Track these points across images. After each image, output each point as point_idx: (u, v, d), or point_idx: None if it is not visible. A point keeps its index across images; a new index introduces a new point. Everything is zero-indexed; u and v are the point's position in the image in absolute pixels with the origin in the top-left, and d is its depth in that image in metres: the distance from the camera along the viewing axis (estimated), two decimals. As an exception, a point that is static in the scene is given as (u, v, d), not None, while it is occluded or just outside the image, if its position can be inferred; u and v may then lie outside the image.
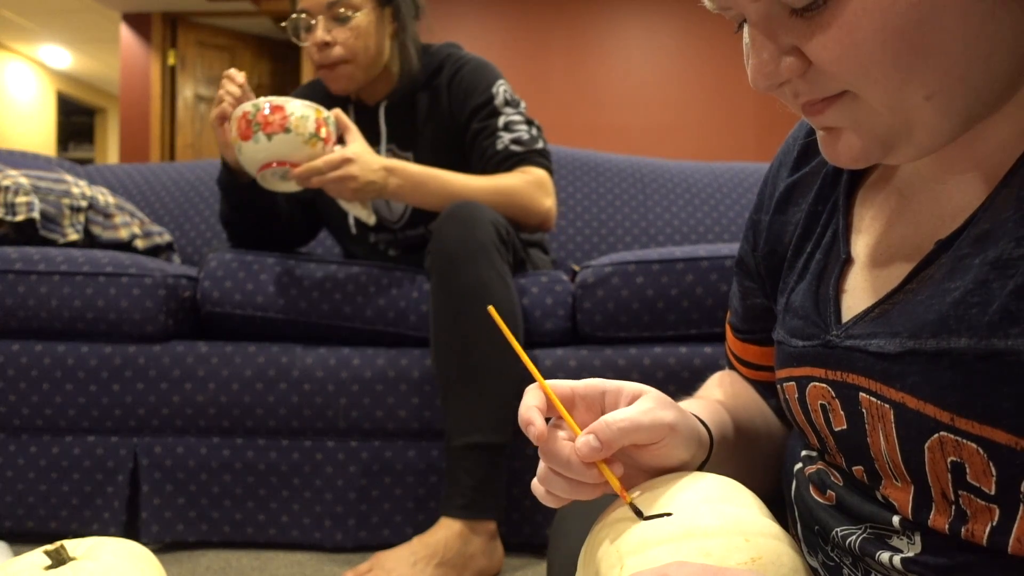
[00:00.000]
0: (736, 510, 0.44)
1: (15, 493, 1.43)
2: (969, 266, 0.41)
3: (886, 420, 0.44)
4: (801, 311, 0.53)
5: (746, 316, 0.66)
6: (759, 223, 0.62)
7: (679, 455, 0.49)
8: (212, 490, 1.43)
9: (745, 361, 0.68)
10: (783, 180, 0.60)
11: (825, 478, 0.52)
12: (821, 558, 0.52)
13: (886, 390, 0.44)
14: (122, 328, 1.43)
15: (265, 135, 1.28)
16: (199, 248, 2.05)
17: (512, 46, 5.11)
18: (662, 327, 1.42)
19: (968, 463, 0.40)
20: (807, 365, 0.51)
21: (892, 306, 0.46)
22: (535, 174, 1.49)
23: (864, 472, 0.48)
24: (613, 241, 2.00)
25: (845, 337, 0.48)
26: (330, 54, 1.48)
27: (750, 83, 0.44)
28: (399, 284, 1.45)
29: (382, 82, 1.59)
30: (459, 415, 1.27)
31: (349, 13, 1.47)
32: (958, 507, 0.42)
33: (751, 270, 0.64)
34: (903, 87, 0.40)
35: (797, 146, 0.60)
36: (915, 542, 0.44)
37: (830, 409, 0.49)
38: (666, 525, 0.43)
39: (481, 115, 1.53)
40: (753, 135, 4.96)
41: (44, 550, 0.56)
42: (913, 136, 0.42)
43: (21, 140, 7.14)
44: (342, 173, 1.31)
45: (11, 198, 1.60)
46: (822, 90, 0.43)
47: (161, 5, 5.65)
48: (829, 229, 0.54)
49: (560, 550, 0.62)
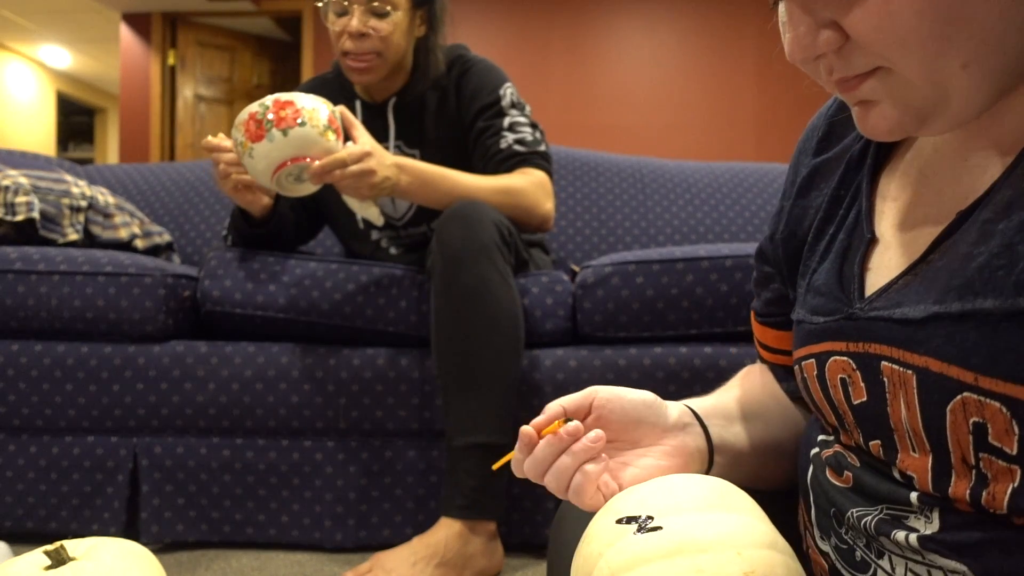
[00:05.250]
0: (728, 519, 0.43)
1: (15, 493, 1.43)
2: (993, 232, 0.42)
3: (908, 387, 0.45)
4: (824, 288, 0.53)
5: (765, 301, 0.68)
6: (782, 210, 0.63)
7: (637, 416, 0.55)
8: (212, 490, 1.43)
9: (764, 344, 0.69)
10: (805, 165, 0.61)
11: (842, 460, 0.52)
12: (834, 542, 0.52)
13: (909, 356, 0.45)
14: (122, 328, 1.43)
15: (280, 131, 1.23)
16: (199, 248, 2.05)
17: (512, 46, 5.11)
18: (662, 327, 1.42)
19: (990, 423, 0.41)
20: (828, 340, 0.52)
21: (915, 276, 0.47)
22: (537, 175, 1.49)
23: (881, 446, 0.48)
24: (613, 241, 2.00)
25: (869, 309, 0.48)
26: (364, 44, 1.48)
27: (787, 57, 0.45)
28: (399, 284, 1.45)
29: (394, 79, 1.60)
30: (459, 415, 1.27)
31: (388, 8, 1.48)
32: (979, 471, 0.42)
33: (769, 256, 0.65)
34: (939, 57, 0.40)
35: (818, 132, 0.61)
36: (932, 520, 0.45)
37: (850, 382, 0.50)
38: (657, 540, 0.42)
39: (487, 115, 1.54)
40: (753, 135, 4.96)
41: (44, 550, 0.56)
42: (948, 106, 0.43)
43: (21, 140, 7.14)
44: (364, 166, 1.27)
45: (11, 198, 1.60)
46: (857, 66, 0.43)
47: (161, 5, 5.65)
48: (852, 210, 0.55)
49: (560, 550, 0.62)
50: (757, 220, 2.02)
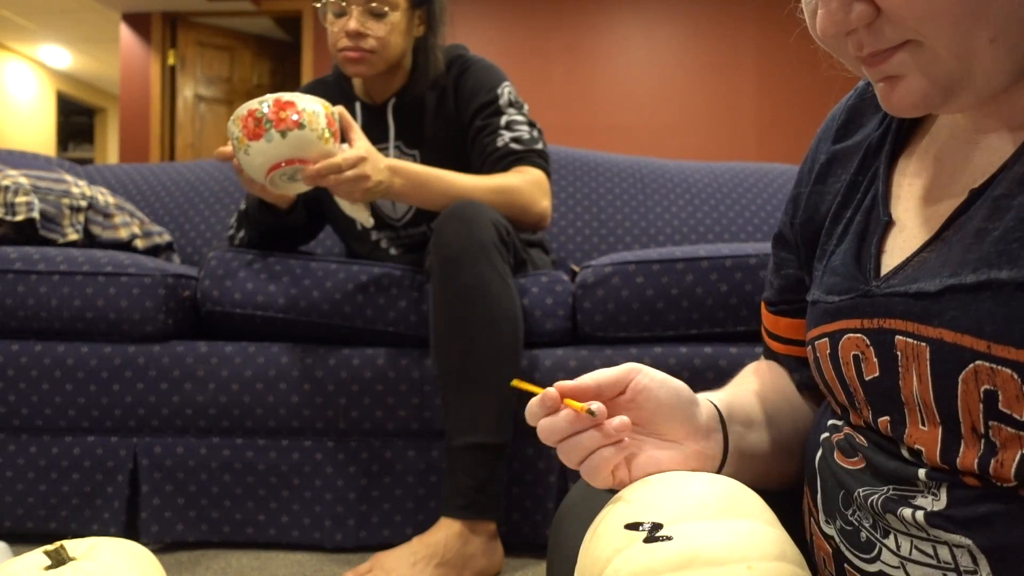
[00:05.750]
0: (738, 527, 0.43)
1: (15, 493, 1.43)
2: (1008, 207, 0.43)
3: (921, 359, 0.46)
4: (840, 268, 0.55)
5: (780, 288, 0.68)
6: (799, 196, 0.64)
7: (670, 412, 0.53)
8: (212, 490, 1.43)
9: (775, 335, 0.70)
10: (823, 152, 0.62)
11: (853, 442, 0.53)
12: (840, 524, 0.53)
13: (923, 328, 0.46)
14: (122, 328, 1.43)
15: (279, 132, 1.23)
16: (199, 248, 2.05)
17: (512, 46, 5.11)
18: (662, 327, 1.42)
19: (1001, 390, 0.42)
20: (843, 318, 0.53)
21: (931, 253, 0.48)
22: (534, 174, 1.49)
23: (889, 422, 0.49)
24: (613, 241, 2.00)
25: (885, 287, 0.50)
26: (360, 44, 1.49)
27: (818, 33, 0.46)
28: (399, 284, 1.45)
29: (392, 79, 1.60)
30: (459, 415, 1.27)
31: (386, 9, 1.49)
32: (987, 440, 0.43)
33: (788, 241, 0.66)
34: (969, 30, 0.41)
35: (838, 120, 0.62)
36: (940, 498, 0.46)
37: (863, 359, 0.51)
38: (666, 551, 0.42)
39: (484, 113, 1.54)
40: (753, 135, 4.96)
41: (44, 550, 0.56)
42: (973, 81, 0.44)
43: (21, 140, 7.15)
44: (358, 172, 1.28)
45: (11, 198, 1.60)
46: (887, 40, 0.44)
47: (161, 5, 5.65)
48: (869, 194, 0.56)
49: (560, 550, 0.61)
50: (757, 220, 2.02)
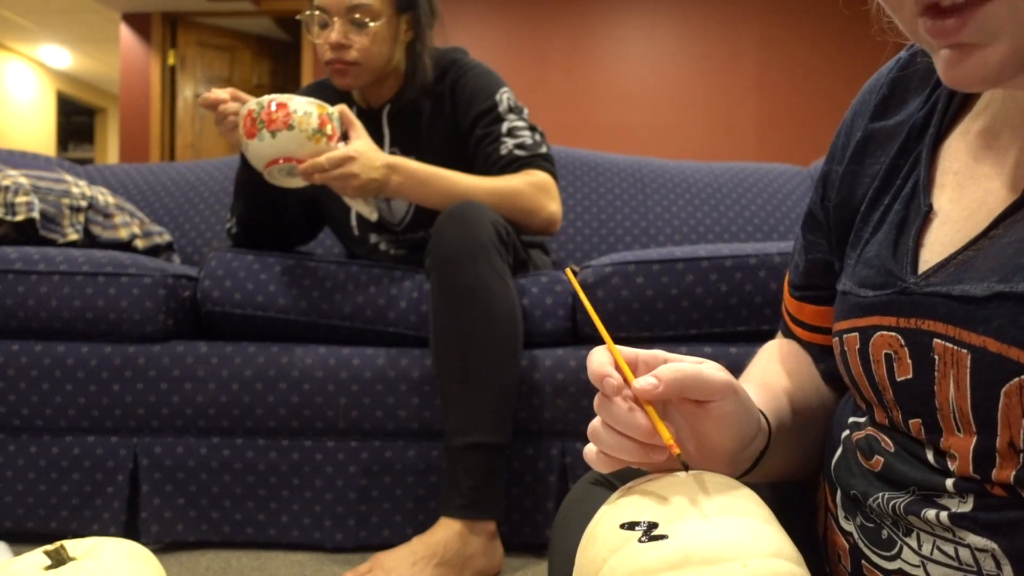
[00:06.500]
0: (734, 525, 0.43)
1: (15, 493, 1.43)
2: None
3: (960, 366, 0.44)
4: (876, 261, 0.52)
5: (806, 272, 0.65)
6: (830, 174, 0.61)
7: (731, 429, 0.48)
8: (212, 490, 1.43)
9: (800, 321, 0.67)
10: (859, 128, 0.58)
11: (873, 444, 0.51)
12: (860, 521, 0.52)
13: (966, 335, 0.43)
14: (122, 328, 1.43)
15: (269, 132, 1.31)
16: (199, 248, 2.05)
17: (512, 46, 5.11)
18: (662, 327, 1.42)
19: None
20: (876, 315, 0.50)
21: (977, 252, 0.45)
22: (539, 177, 1.49)
23: (922, 425, 0.47)
24: (613, 241, 2.00)
25: (925, 285, 0.47)
26: (344, 56, 1.49)
27: None
28: (399, 284, 1.45)
29: (387, 85, 1.60)
30: (459, 415, 1.27)
31: (367, 20, 1.48)
32: None
33: (819, 222, 0.63)
34: None
35: (878, 93, 0.58)
36: (967, 501, 0.44)
37: (896, 359, 0.48)
38: (661, 550, 0.42)
39: (484, 121, 1.54)
40: (753, 135, 4.96)
41: (44, 550, 0.56)
42: None
43: (21, 140, 7.15)
44: (344, 171, 1.32)
45: (11, 198, 1.60)
46: None
47: (161, 5, 5.65)
48: (909, 181, 0.53)
49: (560, 550, 0.61)
50: (757, 220, 2.02)
